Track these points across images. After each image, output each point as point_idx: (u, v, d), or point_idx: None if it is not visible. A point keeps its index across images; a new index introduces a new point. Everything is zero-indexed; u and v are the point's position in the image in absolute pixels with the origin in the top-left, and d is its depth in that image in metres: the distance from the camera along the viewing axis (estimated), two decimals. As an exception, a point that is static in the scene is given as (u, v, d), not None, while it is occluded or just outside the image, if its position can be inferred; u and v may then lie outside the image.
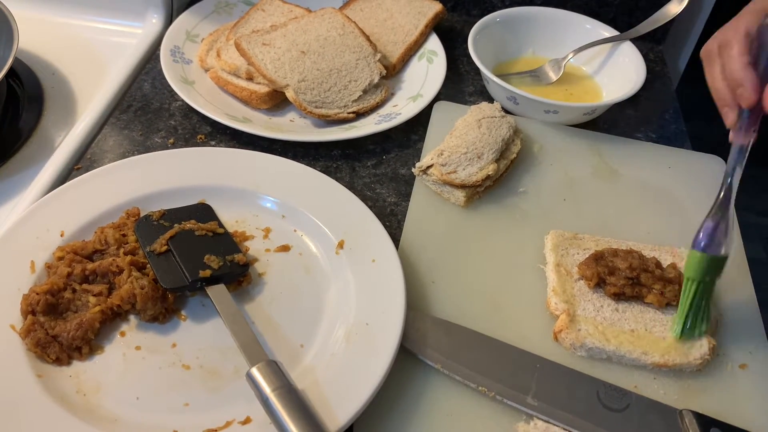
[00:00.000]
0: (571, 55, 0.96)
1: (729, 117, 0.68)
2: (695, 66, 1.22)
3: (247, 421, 0.57)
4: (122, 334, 0.64)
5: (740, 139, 0.67)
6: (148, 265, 0.66)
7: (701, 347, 0.65)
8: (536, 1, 1.07)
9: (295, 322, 0.66)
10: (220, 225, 0.71)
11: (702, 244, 0.65)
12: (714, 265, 0.65)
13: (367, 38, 0.96)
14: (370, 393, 0.57)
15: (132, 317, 0.65)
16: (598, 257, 0.70)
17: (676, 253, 0.74)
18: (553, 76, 0.96)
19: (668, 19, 0.99)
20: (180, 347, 0.63)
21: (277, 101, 0.91)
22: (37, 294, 0.62)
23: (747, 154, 0.66)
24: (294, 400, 0.54)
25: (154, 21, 1.02)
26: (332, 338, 0.64)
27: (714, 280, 0.66)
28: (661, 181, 0.84)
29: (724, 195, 0.66)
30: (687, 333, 0.66)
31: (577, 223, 0.78)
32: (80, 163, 0.82)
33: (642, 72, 0.90)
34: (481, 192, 0.80)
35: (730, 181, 0.66)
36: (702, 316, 0.66)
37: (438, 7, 1.03)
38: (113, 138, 0.86)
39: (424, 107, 0.90)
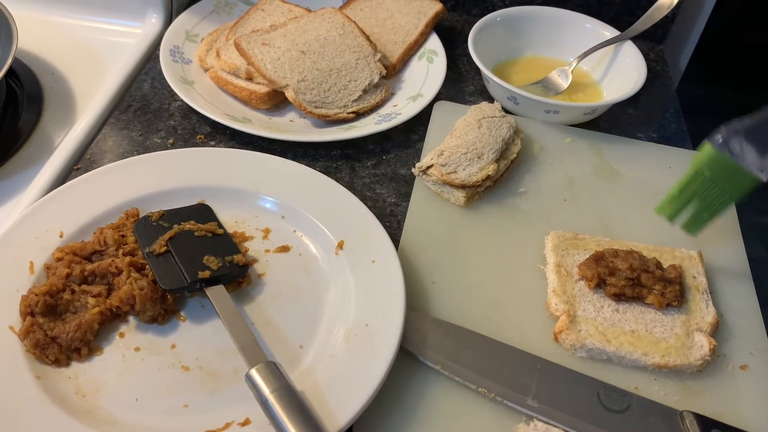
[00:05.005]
0: (575, 62, 0.95)
1: None
2: (696, 65, 1.22)
3: (246, 422, 0.57)
4: (121, 335, 0.64)
5: None
6: (148, 266, 0.66)
7: (702, 348, 0.65)
8: (537, 1, 1.07)
9: (294, 323, 0.66)
10: (220, 225, 0.71)
11: (720, 140, 0.59)
12: (721, 166, 0.59)
13: (367, 38, 0.95)
14: (370, 394, 0.57)
15: (131, 318, 0.65)
16: (598, 258, 0.70)
17: (677, 254, 0.74)
18: (564, 84, 0.94)
19: (665, 14, 0.98)
20: (179, 348, 0.63)
21: (276, 101, 0.91)
22: (36, 295, 0.62)
23: None
24: (293, 402, 0.54)
25: (153, 21, 1.02)
26: (332, 339, 0.64)
27: (718, 182, 0.61)
28: (662, 181, 0.84)
29: None
30: (661, 211, 0.67)
31: (577, 223, 0.78)
32: (80, 163, 0.82)
33: (643, 71, 0.90)
34: (482, 192, 0.80)
35: None
36: (686, 207, 0.64)
37: (438, 6, 1.03)
38: (113, 138, 0.86)
39: (424, 107, 0.90)
